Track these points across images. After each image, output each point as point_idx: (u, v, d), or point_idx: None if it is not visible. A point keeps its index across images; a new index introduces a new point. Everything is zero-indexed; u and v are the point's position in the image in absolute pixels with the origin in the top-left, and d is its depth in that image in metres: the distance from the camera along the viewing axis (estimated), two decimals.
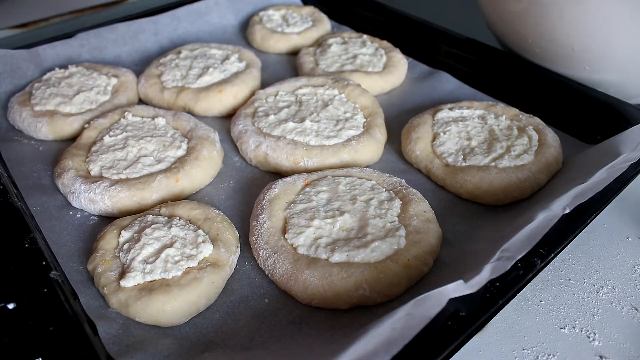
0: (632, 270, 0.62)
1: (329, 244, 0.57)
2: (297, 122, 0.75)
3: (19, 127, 0.80)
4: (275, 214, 0.61)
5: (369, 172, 0.68)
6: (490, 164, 0.68)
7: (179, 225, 0.59)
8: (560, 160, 0.70)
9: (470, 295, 0.45)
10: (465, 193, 0.67)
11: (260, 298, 0.56)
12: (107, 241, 0.58)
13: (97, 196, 0.64)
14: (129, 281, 0.53)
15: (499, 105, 0.79)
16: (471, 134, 0.73)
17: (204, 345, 0.51)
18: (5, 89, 0.88)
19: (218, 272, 0.55)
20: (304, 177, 0.67)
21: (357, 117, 0.77)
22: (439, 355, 0.42)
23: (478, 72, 0.92)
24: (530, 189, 0.66)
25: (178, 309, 0.52)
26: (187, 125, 0.77)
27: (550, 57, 0.83)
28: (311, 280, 0.53)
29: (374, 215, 0.60)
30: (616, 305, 0.58)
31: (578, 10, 0.74)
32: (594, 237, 0.66)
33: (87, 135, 0.76)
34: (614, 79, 0.80)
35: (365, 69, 0.91)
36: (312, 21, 1.08)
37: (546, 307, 0.58)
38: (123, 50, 1.01)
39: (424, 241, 0.57)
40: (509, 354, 0.53)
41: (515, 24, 0.84)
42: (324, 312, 0.54)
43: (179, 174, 0.68)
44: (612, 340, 0.54)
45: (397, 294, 0.54)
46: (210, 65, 0.90)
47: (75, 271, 0.57)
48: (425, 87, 0.92)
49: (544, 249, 0.51)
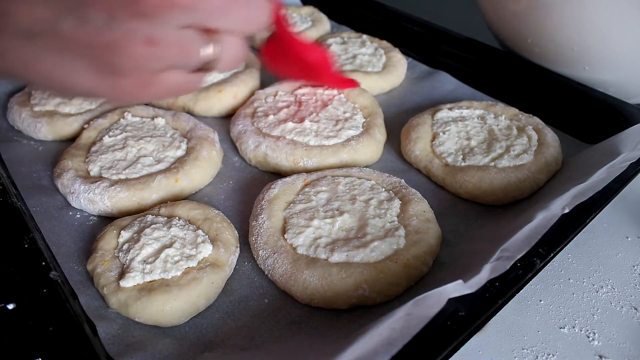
0: (631, 270, 0.62)
1: (329, 244, 0.57)
2: (296, 122, 0.75)
3: (19, 128, 0.80)
4: (274, 214, 0.61)
5: (368, 172, 0.68)
6: (490, 163, 0.68)
7: (178, 226, 0.59)
8: (559, 160, 0.70)
9: (469, 295, 0.45)
10: (464, 193, 0.67)
11: (260, 298, 0.56)
12: (107, 241, 0.58)
13: (97, 196, 0.64)
14: (128, 281, 0.53)
15: (499, 105, 0.79)
16: (471, 133, 0.73)
17: (204, 345, 0.51)
18: (5, 89, 0.88)
19: (217, 272, 0.55)
20: (304, 177, 0.67)
21: (356, 117, 0.77)
22: (438, 355, 0.42)
23: (478, 72, 0.92)
24: (529, 188, 0.66)
25: (178, 309, 0.52)
26: (186, 125, 0.77)
27: (550, 57, 0.83)
28: (311, 280, 0.53)
29: (373, 215, 0.60)
30: (616, 305, 0.58)
31: (578, 10, 0.74)
32: (594, 236, 0.66)
33: (86, 135, 0.76)
34: (614, 79, 0.80)
35: (365, 69, 0.91)
36: (312, 21, 1.08)
37: (546, 307, 0.58)
38: None
39: (423, 241, 0.57)
40: (508, 353, 0.53)
41: (515, 24, 0.84)
42: (323, 312, 0.54)
43: (179, 174, 0.68)
44: (612, 339, 0.54)
45: (396, 293, 0.54)
46: None
47: (75, 271, 0.57)
48: (424, 87, 0.92)
49: (543, 248, 0.51)
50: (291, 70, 0.77)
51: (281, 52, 0.70)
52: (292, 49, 0.69)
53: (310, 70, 0.74)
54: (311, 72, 0.76)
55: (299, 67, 0.74)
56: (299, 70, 0.76)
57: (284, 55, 0.71)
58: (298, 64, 0.72)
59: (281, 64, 0.74)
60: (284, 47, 0.68)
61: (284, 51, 0.69)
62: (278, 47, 0.69)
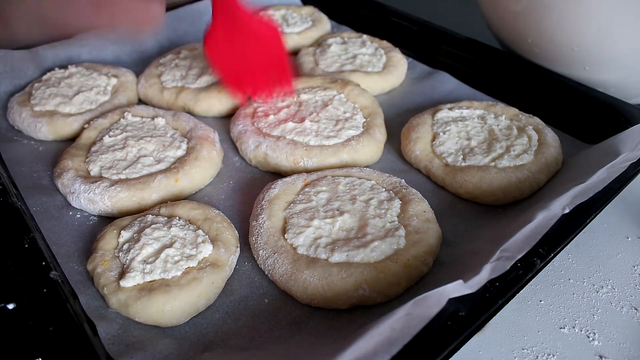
0: (631, 270, 0.62)
1: (329, 244, 0.57)
2: (296, 122, 0.75)
3: (19, 128, 0.80)
4: (274, 214, 0.61)
5: (368, 172, 0.68)
6: (490, 163, 0.68)
7: (178, 226, 0.59)
8: (560, 160, 0.70)
9: (469, 295, 0.45)
10: (465, 193, 0.67)
11: (260, 298, 0.56)
12: (107, 241, 0.58)
13: (97, 196, 0.64)
14: (128, 281, 0.53)
15: (499, 105, 0.79)
16: (471, 133, 0.73)
17: (204, 345, 0.51)
18: (5, 89, 0.88)
19: (218, 272, 0.55)
20: (304, 177, 0.67)
21: (356, 117, 0.77)
22: (438, 355, 0.42)
23: (478, 72, 0.92)
24: (529, 188, 0.66)
25: (178, 309, 0.52)
26: (186, 125, 0.77)
27: (550, 57, 0.83)
28: (311, 280, 0.53)
29: (373, 215, 0.60)
30: (616, 305, 0.58)
31: (578, 10, 0.74)
32: (594, 237, 0.66)
33: (86, 135, 0.76)
34: (614, 79, 0.80)
35: (365, 69, 0.91)
36: (312, 21, 1.08)
37: (546, 307, 0.58)
38: (123, 50, 1.01)
39: (423, 241, 0.57)
40: (508, 353, 0.53)
41: (515, 24, 0.84)
42: (323, 312, 0.54)
43: (179, 174, 0.68)
44: (612, 340, 0.54)
45: (396, 293, 0.54)
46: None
47: (75, 271, 0.58)
48: (425, 87, 0.92)
49: (543, 248, 0.51)
50: (237, 62, 0.72)
51: (228, 37, 0.65)
52: (241, 27, 0.65)
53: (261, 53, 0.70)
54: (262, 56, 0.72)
55: (248, 52, 0.69)
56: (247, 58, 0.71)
57: (231, 42, 0.66)
58: (248, 46, 0.68)
59: (227, 55, 0.70)
60: (231, 29, 0.64)
61: (232, 34, 0.65)
62: (224, 29, 0.65)
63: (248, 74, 0.75)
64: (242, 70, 0.74)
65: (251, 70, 0.74)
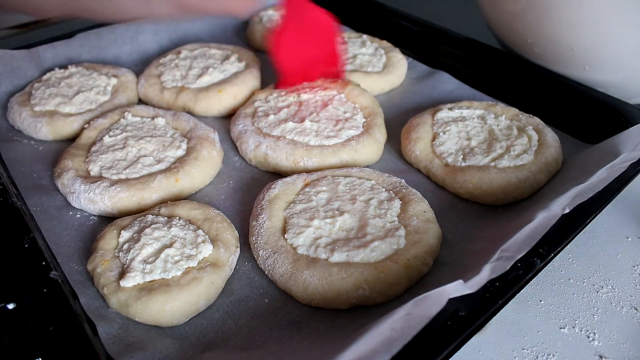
0: (631, 270, 0.62)
1: (329, 244, 0.57)
2: (296, 122, 0.75)
3: (19, 128, 0.80)
4: (275, 214, 0.61)
5: (368, 172, 0.68)
6: (490, 164, 0.68)
7: (178, 226, 0.59)
8: (560, 160, 0.70)
9: (469, 295, 0.45)
10: (465, 193, 0.67)
11: (260, 298, 0.56)
12: (107, 241, 0.58)
13: (97, 196, 0.64)
14: (128, 281, 0.53)
15: (499, 105, 0.79)
16: (471, 134, 0.73)
17: (204, 345, 0.51)
18: (5, 89, 0.88)
19: (218, 272, 0.55)
20: (304, 177, 0.67)
21: (356, 117, 0.77)
22: (438, 355, 0.42)
23: (478, 72, 0.92)
24: (529, 188, 0.66)
25: (178, 309, 0.52)
26: (186, 125, 0.77)
27: (550, 57, 0.83)
28: (311, 280, 0.53)
29: (373, 215, 0.60)
30: (616, 305, 0.58)
31: (578, 10, 0.74)
32: (594, 237, 0.66)
33: (86, 135, 0.76)
34: (614, 79, 0.80)
35: (365, 69, 0.91)
36: None
37: (546, 307, 0.58)
38: (123, 50, 1.01)
39: (423, 241, 0.57)
40: (508, 353, 0.53)
41: (515, 24, 0.84)
42: (323, 312, 0.54)
43: (179, 174, 0.68)
44: (612, 340, 0.54)
45: (396, 293, 0.54)
46: (210, 65, 0.90)
47: (75, 271, 0.58)
48: (425, 87, 0.92)
49: (543, 248, 0.51)
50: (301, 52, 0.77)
51: (295, 33, 0.71)
52: (307, 22, 0.70)
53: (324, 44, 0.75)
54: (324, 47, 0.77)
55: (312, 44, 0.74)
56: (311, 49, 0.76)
57: (297, 38, 0.72)
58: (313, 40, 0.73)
59: (293, 48, 0.75)
60: (297, 26, 0.70)
61: (298, 31, 0.70)
62: (292, 26, 0.70)
63: (305, 68, 0.79)
64: (301, 66, 0.78)
65: (309, 64, 0.78)
